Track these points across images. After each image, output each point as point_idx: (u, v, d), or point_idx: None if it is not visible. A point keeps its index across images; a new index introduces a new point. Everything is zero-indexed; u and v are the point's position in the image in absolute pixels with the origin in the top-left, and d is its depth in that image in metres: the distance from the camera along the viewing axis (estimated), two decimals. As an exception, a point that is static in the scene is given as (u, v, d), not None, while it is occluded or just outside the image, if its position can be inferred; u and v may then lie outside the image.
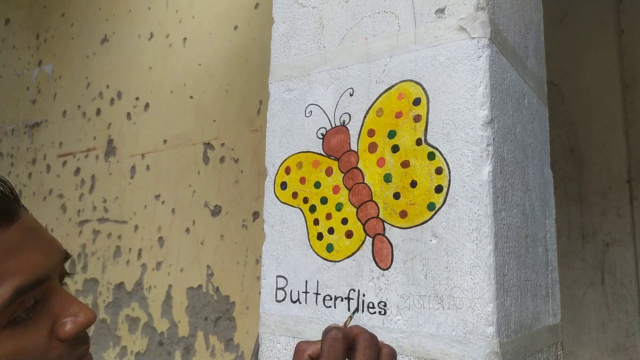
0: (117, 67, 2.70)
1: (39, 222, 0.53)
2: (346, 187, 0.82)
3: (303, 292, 0.84)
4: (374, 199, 0.79)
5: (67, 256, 0.54)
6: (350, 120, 0.83)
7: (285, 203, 0.89)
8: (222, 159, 2.26)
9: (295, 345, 0.63)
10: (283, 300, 0.87)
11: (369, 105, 0.81)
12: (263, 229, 0.92)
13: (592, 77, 2.02)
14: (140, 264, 2.42)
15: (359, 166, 0.81)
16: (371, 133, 0.81)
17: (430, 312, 0.73)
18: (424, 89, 0.77)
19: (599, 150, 1.98)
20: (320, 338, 0.59)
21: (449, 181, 0.73)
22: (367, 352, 0.56)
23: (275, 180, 0.91)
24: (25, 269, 0.47)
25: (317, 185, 0.85)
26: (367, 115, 0.82)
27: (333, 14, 0.88)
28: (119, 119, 2.65)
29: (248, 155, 2.19)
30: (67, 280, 0.56)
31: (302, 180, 0.87)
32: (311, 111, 0.88)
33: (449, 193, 0.73)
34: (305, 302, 0.84)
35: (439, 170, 0.74)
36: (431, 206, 0.74)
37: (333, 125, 0.85)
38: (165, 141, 2.45)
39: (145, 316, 2.37)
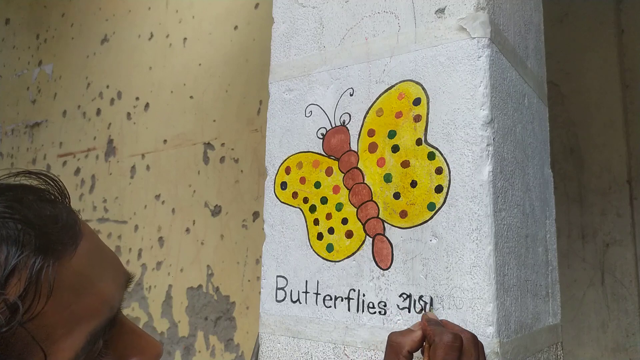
0: (117, 67, 2.70)
1: (93, 231, 0.43)
2: (346, 187, 0.82)
3: (303, 292, 0.84)
4: (374, 199, 0.79)
5: (129, 277, 0.44)
6: (350, 120, 0.83)
7: (285, 203, 0.89)
8: (222, 159, 2.26)
9: (387, 338, 0.60)
10: (283, 300, 0.87)
11: (369, 105, 0.81)
12: (263, 229, 0.92)
13: (592, 77, 2.02)
14: (140, 264, 2.42)
15: (359, 166, 0.81)
16: (371, 133, 0.81)
17: (430, 312, 0.73)
18: (424, 89, 0.77)
19: (599, 150, 1.98)
20: (408, 329, 0.58)
21: (449, 181, 0.73)
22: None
23: (275, 180, 0.91)
24: (99, 307, 0.38)
25: (317, 185, 0.85)
26: (367, 115, 0.81)
27: (333, 14, 0.88)
28: (119, 119, 2.65)
29: (248, 155, 2.19)
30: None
31: (302, 180, 0.87)
32: (311, 111, 0.88)
33: (449, 193, 0.73)
34: (305, 302, 0.84)
35: (439, 170, 0.74)
36: (431, 206, 0.74)
37: (333, 125, 0.85)
38: (165, 141, 2.45)
39: (145, 316, 2.37)
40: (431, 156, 0.75)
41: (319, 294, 0.83)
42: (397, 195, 0.77)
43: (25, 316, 0.33)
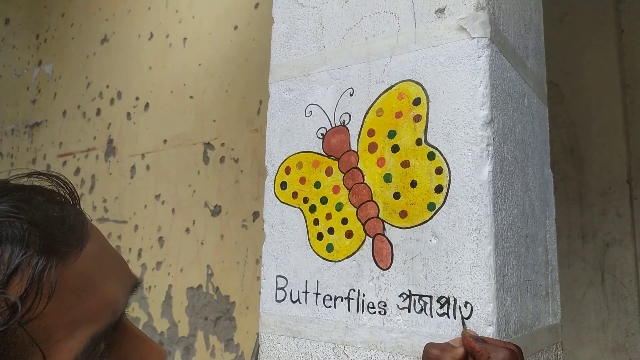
0: (117, 67, 2.70)
1: (101, 233, 0.43)
2: (346, 187, 0.82)
3: (303, 292, 0.84)
4: (374, 199, 0.79)
5: (136, 282, 0.44)
6: (350, 120, 0.83)
7: (285, 203, 0.89)
8: (222, 159, 2.26)
9: (424, 349, 0.59)
10: (283, 300, 0.87)
11: (369, 105, 0.81)
12: (263, 229, 0.92)
13: (592, 77, 2.02)
14: (140, 264, 2.42)
15: (359, 166, 0.81)
16: (371, 133, 0.81)
17: (430, 312, 0.72)
18: (424, 89, 0.77)
19: (599, 150, 1.98)
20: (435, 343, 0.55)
21: (449, 181, 0.73)
22: None
23: (275, 180, 0.91)
24: (102, 311, 0.37)
25: (317, 185, 0.85)
26: (367, 115, 0.81)
27: (333, 14, 0.88)
28: (119, 119, 2.64)
29: (248, 155, 2.19)
30: None
31: (302, 180, 0.87)
32: (311, 111, 0.88)
33: (449, 193, 0.73)
34: (305, 302, 0.84)
35: (439, 170, 0.74)
36: (431, 206, 0.74)
37: (333, 125, 0.85)
38: (165, 141, 2.45)
39: (145, 316, 2.37)
40: (431, 156, 0.75)
41: (319, 294, 0.83)
42: (397, 195, 0.77)
43: (26, 317, 0.32)
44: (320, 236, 0.84)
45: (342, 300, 0.80)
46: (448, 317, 0.71)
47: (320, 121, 0.86)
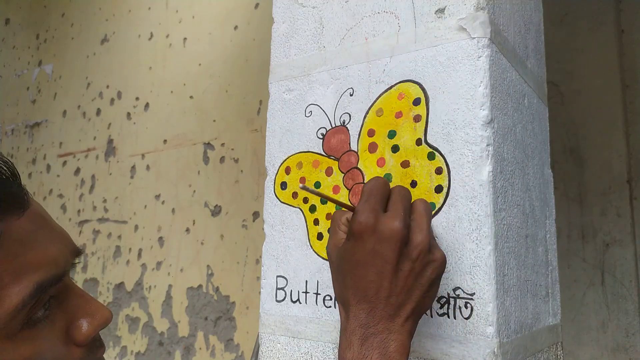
0: (117, 67, 2.70)
1: (46, 211, 0.48)
2: (346, 187, 0.82)
3: (303, 292, 0.84)
4: (374, 199, 0.79)
5: (78, 251, 0.48)
6: (350, 120, 0.83)
7: (285, 203, 0.89)
8: (222, 159, 2.26)
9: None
10: (283, 300, 0.87)
11: (369, 105, 0.81)
12: (263, 229, 0.92)
13: (592, 77, 2.02)
14: (140, 264, 2.42)
15: (359, 166, 0.81)
16: (371, 133, 0.81)
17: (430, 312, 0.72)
18: (423, 89, 0.77)
19: (599, 150, 1.98)
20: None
21: (449, 181, 0.73)
22: (404, 202, 0.58)
23: (275, 180, 0.91)
24: (45, 262, 0.41)
25: (317, 185, 0.85)
26: (367, 115, 0.81)
27: (333, 14, 0.88)
28: (119, 119, 2.65)
29: (248, 155, 2.19)
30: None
31: (302, 180, 0.87)
32: (311, 111, 0.88)
33: (449, 193, 0.73)
34: (305, 302, 0.84)
35: (439, 170, 0.74)
36: (431, 206, 0.74)
37: (333, 125, 0.85)
38: (165, 141, 2.45)
39: (145, 316, 2.37)
40: (431, 156, 0.75)
41: (319, 294, 0.83)
42: (397, 195, 0.77)
43: None
44: (320, 236, 0.84)
45: (342, 300, 0.80)
46: (448, 317, 0.71)
47: (320, 121, 0.86)
